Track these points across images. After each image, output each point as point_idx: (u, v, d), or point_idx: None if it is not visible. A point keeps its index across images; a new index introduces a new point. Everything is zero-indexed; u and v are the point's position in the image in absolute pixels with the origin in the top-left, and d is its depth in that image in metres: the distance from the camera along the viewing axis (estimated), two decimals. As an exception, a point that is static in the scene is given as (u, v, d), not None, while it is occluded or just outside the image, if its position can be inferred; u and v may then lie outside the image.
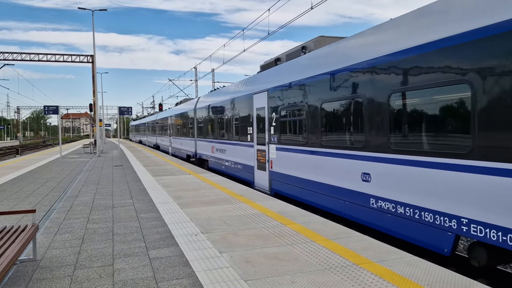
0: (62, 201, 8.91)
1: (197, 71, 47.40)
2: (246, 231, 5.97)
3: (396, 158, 5.96)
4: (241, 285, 3.96)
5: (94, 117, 35.26)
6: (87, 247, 5.37)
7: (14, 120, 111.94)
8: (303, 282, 3.98)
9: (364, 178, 6.69)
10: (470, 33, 4.69)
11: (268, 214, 7.12)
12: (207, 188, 10.27)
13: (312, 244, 5.26)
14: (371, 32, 6.89)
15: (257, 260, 4.67)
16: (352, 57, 7.11)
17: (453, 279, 3.99)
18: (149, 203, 8.40)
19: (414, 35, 5.62)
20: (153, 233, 6.00)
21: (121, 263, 4.69)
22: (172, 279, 4.15)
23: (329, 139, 7.74)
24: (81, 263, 4.72)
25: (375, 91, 6.40)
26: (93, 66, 35.16)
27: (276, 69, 11.00)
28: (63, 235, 5.99)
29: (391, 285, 3.87)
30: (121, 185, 11.25)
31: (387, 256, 4.72)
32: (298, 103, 9.02)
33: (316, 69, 8.29)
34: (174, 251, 5.12)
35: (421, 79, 5.42)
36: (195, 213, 7.28)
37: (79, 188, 10.95)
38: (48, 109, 21.64)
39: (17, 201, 9.03)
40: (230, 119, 14.25)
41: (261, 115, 11.28)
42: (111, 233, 6.08)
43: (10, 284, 4.10)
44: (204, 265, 4.54)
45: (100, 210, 7.85)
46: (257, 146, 11.68)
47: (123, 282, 4.09)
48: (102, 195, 9.60)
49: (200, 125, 19.22)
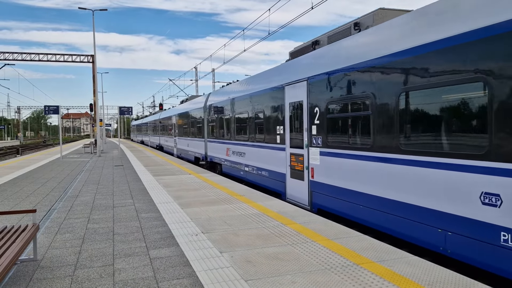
0: (63, 201, 8.91)
1: (198, 71, 47.45)
2: (247, 231, 5.97)
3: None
4: (241, 285, 3.96)
5: (95, 117, 35.27)
6: (88, 247, 5.37)
7: (14, 120, 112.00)
8: (303, 282, 3.98)
9: (487, 201, 4.69)
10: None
11: (268, 214, 7.12)
12: (207, 188, 10.27)
13: (312, 244, 5.26)
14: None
15: (258, 260, 4.67)
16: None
17: (453, 278, 4.00)
18: (150, 203, 8.40)
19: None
20: (154, 233, 6.00)
21: (122, 263, 4.70)
22: (172, 279, 4.16)
23: (418, 142, 5.61)
24: (82, 263, 4.72)
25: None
26: (94, 66, 35.20)
27: (319, 53, 8.59)
28: (64, 235, 6.00)
29: (392, 285, 3.87)
30: (121, 185, 11.25)
31: (388, 256, 4.72)
32: (360, 94, 6.85)
33: (394, 45, 6.10)
34: (174, 251, 5.12)
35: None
36: (195, 213, 7.29)
37: (80, 188, 10.95)
38: (48, 109, 21.65)
39: (17, 201, 9.04)
40: (252, 117, 12.12)
41: (297, 111, 9.12)
42: (111, 233, 6.08)
43: (10, 284, 4.10)
44: (204, 265, 4.55)
45: (101, 210, 7.85)
46: (290, 150, 9.52)
47: (124, 282, 4.09)
48: (103, 195, 9.61)
49: (211, 124, 17.07)
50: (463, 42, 4.87)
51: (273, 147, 10.54)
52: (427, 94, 5.43)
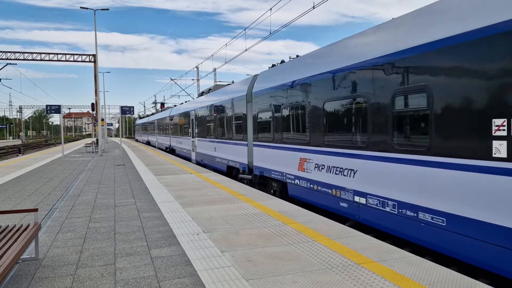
0: (64, 200, 8.93)
1: (199, 71, 47.41)
2: (248, 230, 5.97)
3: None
4: (242, 284, 3.96)
5: (96, 116, 35.32)
6: (89, 246, 5.38)
7: (16, 119, 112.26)
8: (304, 282, 3.98)
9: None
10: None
11: (269, 213, 7.13)
12: (208, 188, 10.27)
13: (313, 244, 5.26)
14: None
15: (259, 259, 4.67)
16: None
17: (454, 278, 3.99)
18: (151, 202, 8.41)
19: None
20: (155, 232, 6.01)
21: (123, 262, 4.70)
22: (174, 278, 4.16)
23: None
24: (83, 262, 4.73)
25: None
26: (95, 66, 35.23)
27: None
28: (65, 234, 6.01)
29: (393, 285, 3.86)
30: (123, 184, 11.26)
31: (389, 256, 4.72)
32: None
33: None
34: (176, 250, 5.12)
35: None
36: (196, 212, 7.29)
37: (81, 187, 10.97)
38: (50, 109, 21.69)
39: (19, 200, 9.06)
40: (365, 106, 6.85)
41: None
42: (113, 232, 6.09)
43: (12, 283, 4.11)
44: (205, 264, 4.55)
45: (102, 209, 7.86)
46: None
47: (125, 281, 4.10)
48: (104, 194, 9.62)
49: (261, 120, 11.93)
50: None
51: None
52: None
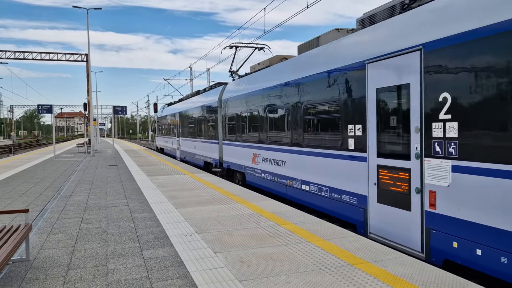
0: (56, 201, 8.84)
1: (193, 70, 47.28)
2: (241, 231, 5.96)
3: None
4: (235, 285, 3.95)
5: (89, 116, 35.07)
6: (81, 247, 5.33)
7: (7, 119, 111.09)
8: (298, 282, 3.98)
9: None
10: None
11: (263, 214, 7.12)
12: (201, 188, 10.24)
13: (307, 244, 5.25)
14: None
15: (252, 260, 4.66)
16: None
17: (447, 279, 4.01)
18: (144, 203, 8.36)
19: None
20: (148, 233, 5.97)
21: (115, 263, 4.66)
22: (166, 279, 4.13)
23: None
24: (75, 263, 4.68)
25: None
26: (88, 65, 34.99)
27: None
28: (57, 235, 5.95)
29: (386, 285, 3.87)
30: (115, 185, 11.19)
31: (382, 257, 4.73)
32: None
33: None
34: (168, 251, 5.09)
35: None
36: (189, 213, 7.26)
37: (73, 187, 10.88)
38: (42, 108, 21.50)
39: (10, 200, 8.95)
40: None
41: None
42: (105, 233, 6.04)
43: (2, 284, 4.05)
44: (198, 265, 4.53)
45: (94, 210, 7.80)
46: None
47: (117, 283, 4.07)
48: (96, 195, 9.55)
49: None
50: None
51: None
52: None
